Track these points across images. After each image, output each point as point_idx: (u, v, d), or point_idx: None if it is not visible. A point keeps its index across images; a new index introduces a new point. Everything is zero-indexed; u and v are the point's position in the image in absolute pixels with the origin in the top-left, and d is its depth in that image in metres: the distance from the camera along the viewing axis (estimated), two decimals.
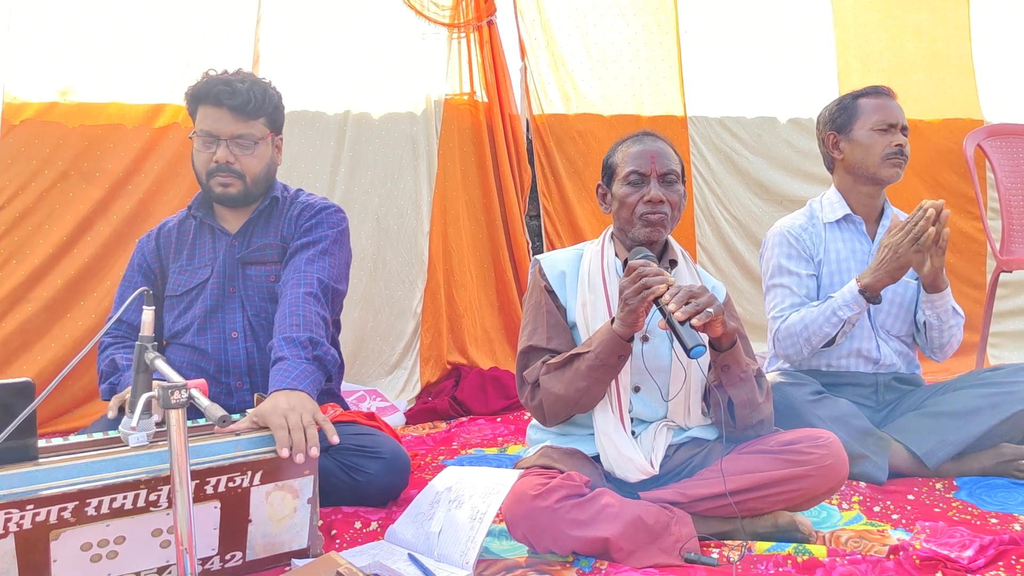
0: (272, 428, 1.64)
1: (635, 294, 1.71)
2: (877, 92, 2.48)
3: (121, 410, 1.96)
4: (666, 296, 1.67)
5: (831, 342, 2.31)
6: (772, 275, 2.46)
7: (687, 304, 1.65)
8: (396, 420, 3.09)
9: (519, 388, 1.97)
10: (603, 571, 1.63)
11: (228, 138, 2.15)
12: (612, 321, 1.79)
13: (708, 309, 1.65)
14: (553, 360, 1.87)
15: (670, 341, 1.91)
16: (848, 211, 2.46)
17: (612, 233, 2.04)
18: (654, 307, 1.73)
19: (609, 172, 2.02)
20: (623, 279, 1.76)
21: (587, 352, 1.79)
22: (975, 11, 4.36)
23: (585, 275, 1.96)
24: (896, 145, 2.40)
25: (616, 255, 1.99)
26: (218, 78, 2.16)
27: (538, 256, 2.07)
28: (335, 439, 1.69)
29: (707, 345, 1.76)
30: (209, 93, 2.14)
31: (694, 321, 1.63)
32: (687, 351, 1.61)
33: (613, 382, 1.86)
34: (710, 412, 1.91)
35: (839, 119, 2.48)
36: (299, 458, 1.61)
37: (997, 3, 4.42)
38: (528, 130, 3.82)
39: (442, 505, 1.79)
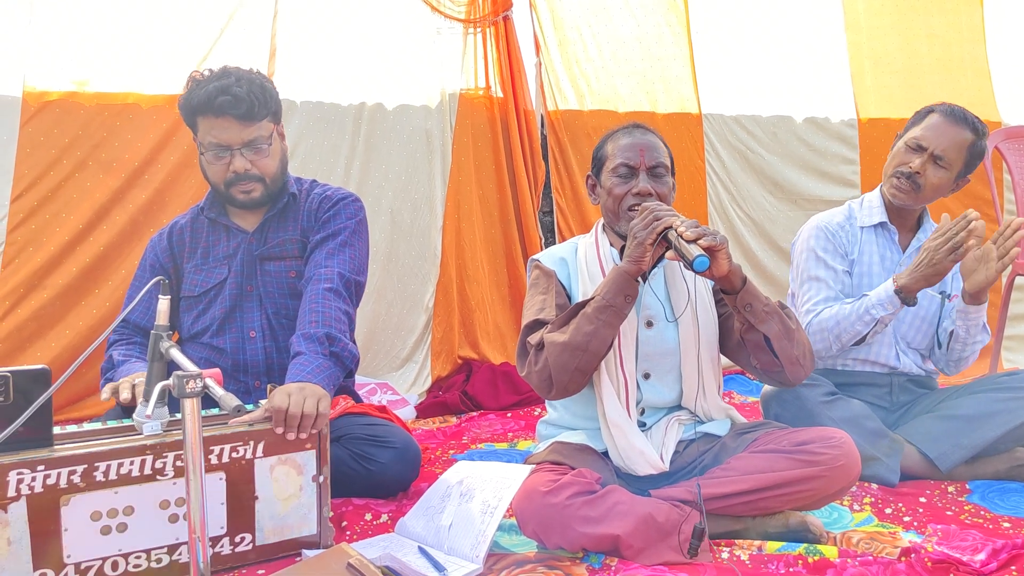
0: (273, 405, 1.68)
1: (645, 227, 1.73)
2: (945, 112, 2.32)
3: (128, 410, 1.95)
4: (676, 222, 1.70)
5: (861, 340, 2.27)
6: (808, 268, 2.39)
7: (696, 228, 1.68)
8: (407, 414, 3.09)
9: (520, 360, 1.88)
10: (613, 568, 1.63)
11: (240, 146, 2.08)
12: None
13: (715, 235, 1.68)
14: (558, 317, 1.83)
15: (675, 324, 1.90)
16: (885, 219, 2.40)
17: (603, 225, 2.04)
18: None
19: (599, 163, 2.00)
20: (635, 219, 1.77)
21: (592, 297, 1.78)
22: (989, 14, 4.33)
23: (584, 267, 1.96)
24: (906, 166, 2.30)
25: (611, 245, 1.98)
26: (214, 86, 2.04)
27: (533, 256, 2.07)
28: (314, 432, 1.72)
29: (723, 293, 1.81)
30: (209, 104, 2.04)
31: (701, 242, 1.66)
32: (691, 264, 1.63)
33: (620, 371, 1.86)
34: (754, 365, 1.87)
35: (909, 122, 2.40)
36: (290, 436, 1.66)
37: (1011, 6, 4.39)
38: (543, 126, 3.81)
39: (453, 499, 1.79)
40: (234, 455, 1.62)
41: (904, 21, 4.27)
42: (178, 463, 1.58)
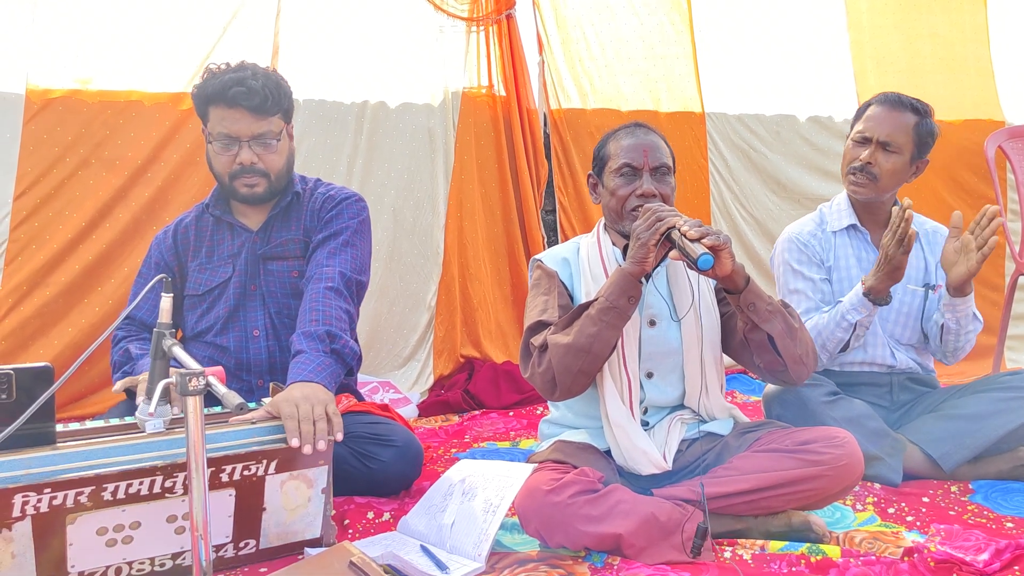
0: (283, 418, 1.65)
1: (648, 228, 1.73)
2: (882, 100, 2.35)
3: (130, 393, 1.96)
4: (679, 222, 1.70)
5: (846, 346, 2.28)
6: (786, 282, 2.41)
7: (700, 227, 1.68)
8: (409, 412, 3.09)
9: (523, 362, 1.87)
10: (615, 567, 1.63)
11: (249, 138, 2.09)
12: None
13: (719, 234, 1.68)
14: (561, 319, 1.83)
15: (678, 324, 1.90)
16: (854, 221, 2.40)
17: (604, 224, 2.03)
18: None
19: (600, 163, 1.99)
20: (637, 220, 1.77)
21: (596, 299, 1.77)
22: (992, 13, 4.32)
23: (586, 267, 1.95)
24: (857, 160, 2.31)
25: (613, 244, 1.98)
26: (230, 77, 2.05)
27: (535, 256, 2.06)
28: (339, 436, 1.69)
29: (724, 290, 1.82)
30: (223, 94, 2.05)
31: (704, 241, 1.65)
32: (695, 262, 1.63)
33: (623, 370, 1.85)
34: (758, 364, 1.87)
35: (852, 120, 2.43)
36: (306, 449, 1.62)
37: (1015, 6, 4.38)
38: (545, 124, 3.81)
39: (455, 497, 1.79)
40: (246, 473, 1.59)
41: (907, 20, 4.26)
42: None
